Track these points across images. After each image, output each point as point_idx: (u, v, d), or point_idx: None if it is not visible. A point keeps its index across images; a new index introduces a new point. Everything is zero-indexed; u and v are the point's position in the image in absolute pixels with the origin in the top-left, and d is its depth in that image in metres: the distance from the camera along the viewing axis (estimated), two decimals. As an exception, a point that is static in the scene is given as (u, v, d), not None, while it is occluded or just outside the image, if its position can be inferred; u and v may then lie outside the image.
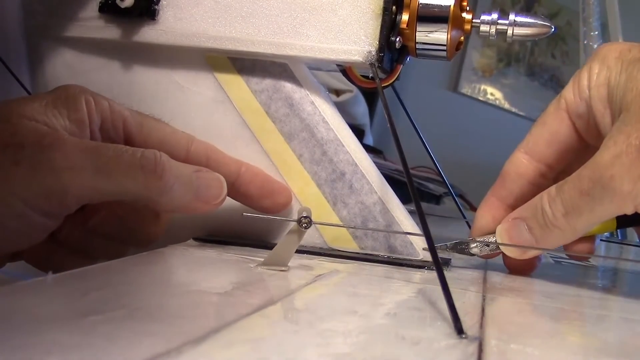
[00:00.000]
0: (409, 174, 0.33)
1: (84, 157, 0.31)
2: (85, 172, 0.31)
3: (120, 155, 0.32)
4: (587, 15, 0.96)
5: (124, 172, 0.32)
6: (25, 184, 0.30)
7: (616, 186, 0.32)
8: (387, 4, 0.37)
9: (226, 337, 0.19)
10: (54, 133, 0.32)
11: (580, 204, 0.33)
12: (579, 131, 0.38)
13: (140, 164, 0.32)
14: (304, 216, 0.31)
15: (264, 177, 0.39)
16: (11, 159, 0.30)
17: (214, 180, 0.36)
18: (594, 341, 0.26)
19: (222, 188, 0.36)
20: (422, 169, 1.22)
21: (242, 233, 0.40)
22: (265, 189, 0.39)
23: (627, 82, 0.34)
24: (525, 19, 0.38)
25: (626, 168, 0.31)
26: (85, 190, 0.32)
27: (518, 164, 0.39)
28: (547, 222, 0.35)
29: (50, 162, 0.31)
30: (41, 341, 0.17)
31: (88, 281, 0.25)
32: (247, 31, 0.38)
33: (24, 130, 0.31)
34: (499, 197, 0.39)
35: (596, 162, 0.33)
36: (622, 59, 0.35)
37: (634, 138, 0.31)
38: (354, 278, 0.32)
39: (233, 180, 0.38)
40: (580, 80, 0.37)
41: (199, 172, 0.35)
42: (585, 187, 0.33)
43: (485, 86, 2.18)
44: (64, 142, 0.31)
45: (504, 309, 0.30)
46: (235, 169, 0.39)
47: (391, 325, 0.24)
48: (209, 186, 0.35)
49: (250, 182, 0.39)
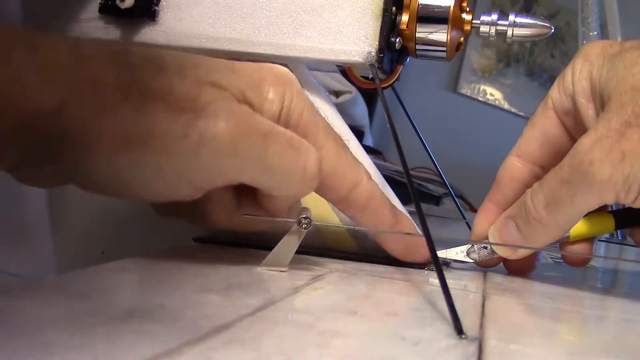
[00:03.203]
0: (409, 175, 0.33)
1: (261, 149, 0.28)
2: (253, 169, 0.28)
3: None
4: (586, 15, 0.96)
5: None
6: (187, 161, 0.26)
7: (595, 171, 0.31)
8: (387, 5, 0.37)
9: (226, 338, 0.19)
10: (239, 110, 0.27)
11: (560, 194, 0.33)
12: (568, 129, 0.37)
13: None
14: (303, 217, 0.31)
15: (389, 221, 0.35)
16: (182, 131, 0.26)
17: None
18: (594, 341, 0.26)
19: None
20: (421, 170, 1.22)
21: (242, 233, 0.40)
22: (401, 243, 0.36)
23: (608, 72, 0.34)
24: (525, 20, 0.38)
25: (606, 152, 0.31)
26: (247, 180, 0.28)
27: (511, 168, 0.39)
28: (530, 217, 0.35)
29: (218, 144, 0.26)
30: (42, 342, 0.17)
31: (88, 282, 0.25)
32: (247, 32, 0.38)
33: (208, 97, 0.27)
34: (495, 202, 0.39)
35: (576, 149, 0.32)
36: (604, 53, 0.35)
37: (614, 122, 0.31)
38: (353, 278, 0.32)
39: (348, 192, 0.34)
40: (565, 77, 0.37)
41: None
42: (565, 175, 0.32)
43: (485, 86, 2.18)
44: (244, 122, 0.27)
45: (503, 309, 0.30)
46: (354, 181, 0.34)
47: (391, 326, 0.24)
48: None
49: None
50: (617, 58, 0.34)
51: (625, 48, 0.34)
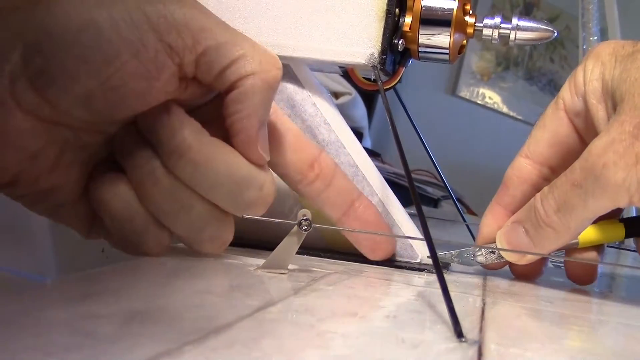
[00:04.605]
0: (410, 177, 0.32)
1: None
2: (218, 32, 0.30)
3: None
4: (587, 20, 0.96)
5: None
6: (159, 6, 0.28)
7: (609, 175, 0.30)
8: (390, 7, 0.37)
9: (226, 339, 0.19)
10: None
11: (572, 198, 0.32)
12: (579, 130, 0.37)
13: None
14: (304, 218, 0.31)
15: (375, 223, 0.37)
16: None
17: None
18: (593, 346, 0.26)
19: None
20: (419, 172, 1.22)
21: (242, 235, 0.40)
22: (370, 240, 0.37)
23: (620, 74, 0.33)
24: (528, 23, 0.38)
25: (619, 155, 0.30)
26: (211, 43, 0.29)
27: (520, 169, 0.38)
28: (540, 221, 0.34)
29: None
30: (42, 343, 0.17)
31: (89, 284, 0.25)
32: (250, 32, 0.38)
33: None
34: (502, 204, 0.38)
35: (589, 151, 0.32)
36: (616, 54, 0.35)
37: (627, 124, 0.31)
38: (354, 280, 0.32)
39: (345, 211, 0.36)
40: (576, 78, 0.36)
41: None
42: (577, 179, 0.32)
43: (484, 90, 2.18)
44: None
45: (503, 313, 0.30)
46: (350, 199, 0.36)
47: (391, 328, 0.24)
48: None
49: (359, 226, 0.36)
50: (630, 59, 0.33)
51: (638, 49, 0.34)
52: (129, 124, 0.31)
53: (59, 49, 0.27)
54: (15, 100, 0.28)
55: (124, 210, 0.30)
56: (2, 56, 0.27)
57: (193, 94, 0.31)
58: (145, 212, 0.31)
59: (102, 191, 0.31)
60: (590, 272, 0.38)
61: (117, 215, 0.31)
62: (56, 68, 0.27)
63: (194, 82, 0.31)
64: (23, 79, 0.27)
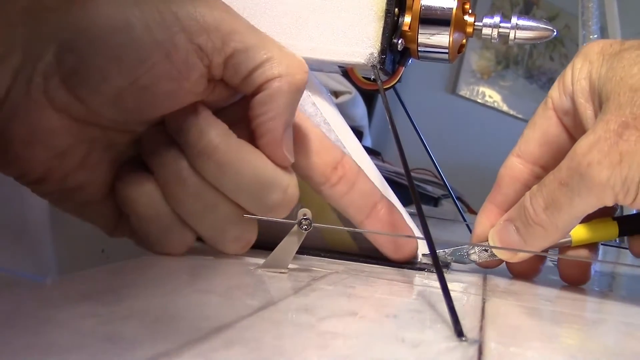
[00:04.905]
0: (410, 176, 0.33)
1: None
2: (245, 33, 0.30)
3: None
4: (586, 18, 0.96)
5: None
6: (190, 8, 0.28)
7: (594, 173, 0.31)
8: (390, 6, 0.37)
9: (226, 338, 0.19)
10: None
11: (559, 197, 0.33)
12: (568, 129, 0.37)
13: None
14: (304, 218, 0.31)
15: (398, 225, 0.37)
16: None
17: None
18: (593, 345, 0.26)
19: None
20: (419, 171, 1.22)
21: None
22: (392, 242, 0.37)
23: (606, 73, 0.33)
24: (528, 22, 0.38)
25: (604, 154, 0.30)
26: (240, 46, 0.30)
27: (512, 168, 0.39)
28: (529, 220, 0.34)
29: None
30: (42, 342, 0.17)
31: (88, 283, 0.25)
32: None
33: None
34: (496, 203, 0.39)
35: (574, 150, 0.32)
36: (604, 53, 0.35)
37: (612, 123, 0.31)
38: (354, 279, 0.32)
39: (367, 213, 0.36)
40: (565, 77, 0.37)
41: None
42: (564, 177, 0.32)
43: (484, 88, 2.18)
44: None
45: (503, 312, 0.30)
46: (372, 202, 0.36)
47: (391, 327, 0.24)
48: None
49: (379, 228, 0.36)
50: (616, 58, 0.33)
51: (625, 48, 0.34)
52: (156, 124, 0.31)
53: (92, 48, 0.28)
54: (47, 98, 0.28)
55: (150, 209, 0.31)
56: (36, 55, 0.28)
57: (220, 95, 0.32)
58: (170, 212, 0.31)
59: (128, 190, 0.31)
60: (583, 272, 0.38)
61: (142, 214, 0.31)
62: (89, 67, 0.28)
63: (221, 84, 0.31)
64: (56, 78, 0.28)
